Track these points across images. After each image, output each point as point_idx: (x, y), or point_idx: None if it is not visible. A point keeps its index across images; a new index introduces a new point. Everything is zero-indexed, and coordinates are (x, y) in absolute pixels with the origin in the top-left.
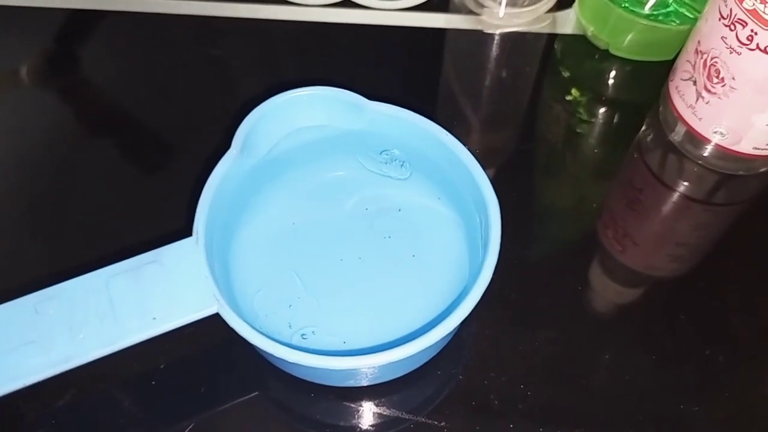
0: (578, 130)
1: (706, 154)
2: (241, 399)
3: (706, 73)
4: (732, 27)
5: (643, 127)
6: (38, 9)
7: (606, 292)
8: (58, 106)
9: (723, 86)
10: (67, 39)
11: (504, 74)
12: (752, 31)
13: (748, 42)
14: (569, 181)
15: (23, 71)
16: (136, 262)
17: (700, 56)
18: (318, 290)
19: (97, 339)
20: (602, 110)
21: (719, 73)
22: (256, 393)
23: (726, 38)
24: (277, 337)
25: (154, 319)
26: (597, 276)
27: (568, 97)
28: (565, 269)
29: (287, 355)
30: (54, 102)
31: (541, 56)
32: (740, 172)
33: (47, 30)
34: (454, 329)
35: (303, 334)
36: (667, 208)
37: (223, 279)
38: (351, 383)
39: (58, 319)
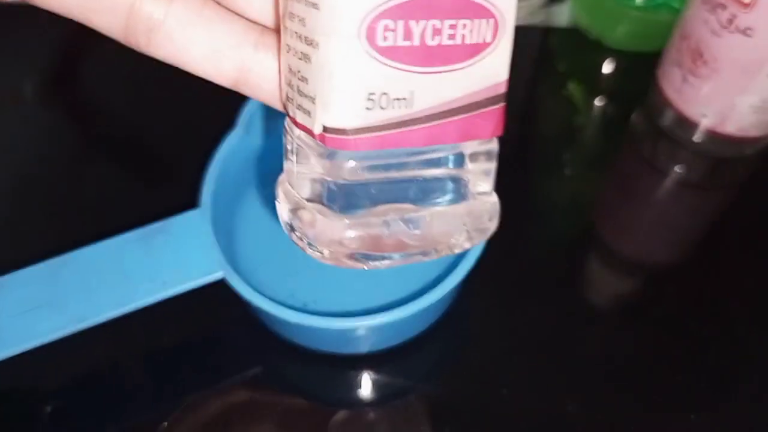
0: (574, 122)
1: (694, 138)
2: (244, 373)
3: (690, 57)
4: (713, 11)
5: (635, 115)
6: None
7: (598, 271)
8: (68, 97)
9: (706, 68)
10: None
11: None
12: (732, 14)
13: (728, 25)
14: (566, 170)
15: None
16: (147, 232)
17: (684, 41)
18: (319, 262)
19: (109, 300)
20: (597, 102)
21: (702, 55)
22: (260, 366)
23: (708, 22)
24: None
25: (164, 283)
26: (591, 257)
27: (564, 90)
28: (560, 251)
29: (291, 317)
30: (64, 92)
31: (537, 50)
32: (729, 155)
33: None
34: (446, 295)
35: (305, 304)
36: (660, 193)
37: (228, 251)
38: (353, 349)
39: (74, 283)
